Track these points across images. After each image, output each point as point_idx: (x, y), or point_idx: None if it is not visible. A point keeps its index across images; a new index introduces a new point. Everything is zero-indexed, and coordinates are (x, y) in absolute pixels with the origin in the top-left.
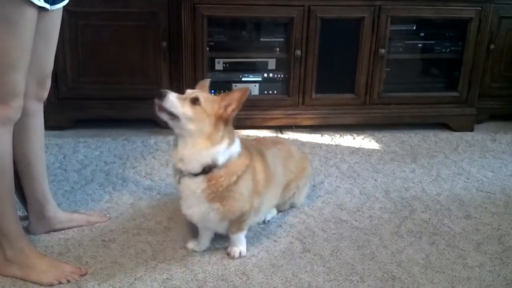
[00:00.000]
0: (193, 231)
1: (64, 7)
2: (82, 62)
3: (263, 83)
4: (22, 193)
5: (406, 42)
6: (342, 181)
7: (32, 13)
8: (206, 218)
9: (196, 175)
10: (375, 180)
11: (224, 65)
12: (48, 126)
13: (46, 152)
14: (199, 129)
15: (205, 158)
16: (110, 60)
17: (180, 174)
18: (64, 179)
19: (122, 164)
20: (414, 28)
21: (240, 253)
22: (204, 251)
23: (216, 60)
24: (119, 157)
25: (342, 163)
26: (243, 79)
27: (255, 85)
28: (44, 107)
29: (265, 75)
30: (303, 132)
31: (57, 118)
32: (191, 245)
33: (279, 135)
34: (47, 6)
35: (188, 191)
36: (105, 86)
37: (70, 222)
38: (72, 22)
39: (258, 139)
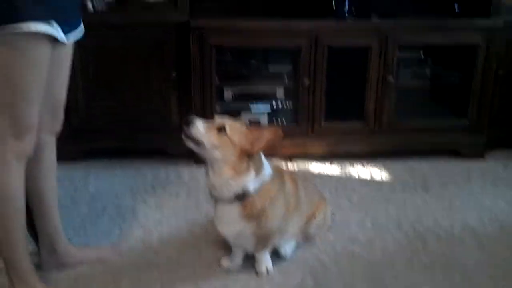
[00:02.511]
0: (205, 266)
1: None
2: (93, 94)
3: (271, 112)
4: (33, 227)
5: (414, 69)
6: (354, 213)
7: (48, 47)
8: (241, 236)
9: (229, 201)
10: (387, 211)
11: (233, 94)
12: (59, 158)
13: (57, 184)
14: (224, 158)
15: (234, 187)
16: (120, 91)
17: (215, 198)
18: (75, 212)
19: (132, 197)
20: (422, 55)
21: (267, 269)
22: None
23: (225, 89)
24: (130, 189)
25: (353, 194)
26: (251, 108)
27: (264, 114)
28: (56, 139)
29: (274, 104)
30: (312, 161)
31: (68, 150)
32: (225, 262)
33: (288, 164)
34: (63, 38)
35: (224, 214)
36: (115, 117)
37: (81, 258)
38: (82, 54)
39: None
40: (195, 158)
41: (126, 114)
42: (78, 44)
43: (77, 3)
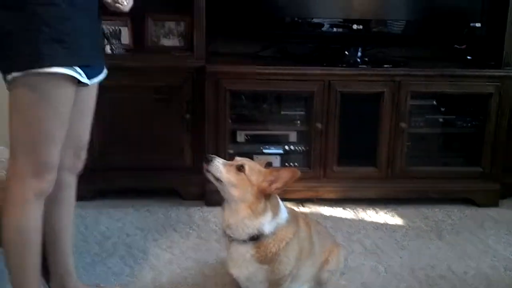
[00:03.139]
0: None
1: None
2: (108, 134)
3: (284, 155)
4: (44, 266)
5: (426, 116)
6: (367, 258)
7: (72, 89)
8: (252, 279)
9: (244, 241)
10: (400, 257)
11: (246, 137)
12: None
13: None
14: (241, 197)
15: (250, 228)
16: (134, 132)
17: (229, 238)
18: (85, 251)
19: (143, 236)
20: (435, 103)
21: None
22: None
23: (238, 132)
24: (141, 229)
25: (366, 239)
26: (264, 151)
27: (276, 157)
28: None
29: (286, 147)
30: (325, 205)
31: (81, 189)
32: None
33: (301, 208)
34: (87, 81)
35: (237, 255)
36: (129, 157)
37: None
38: (99, 94)
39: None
40: (206, 200)
41: (139, 155)
42: None
43: (99, 48)
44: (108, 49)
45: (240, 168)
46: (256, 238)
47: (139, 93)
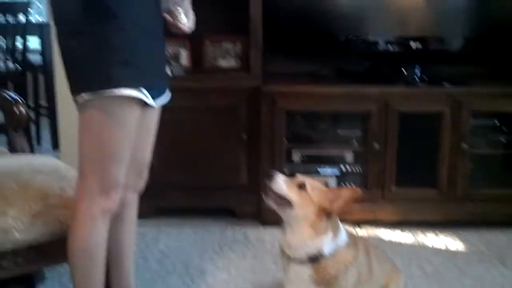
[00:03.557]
0: None
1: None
2: (167, 153)
3: (340, 176)
4: (107, 281)
5: (488, 136)
6: (427, 284)
7: (138, 110)
8: None
9: (302, 262)
10: (462, 283)
11: (301, 157)
12: None
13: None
14: (303, 216)
15: (310, 248)
16: (192, 151)
17: (287, 258)
18: (145, 269)
19: (200, 255)
20: (497, 122)
21: None
22: None
23: (293, 151)
24: (198, 248)
25: (426, 264)
26: (320, 171)
27: (332, 178)
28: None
29: (343, 167)
30: (383, 227)
31: (140, 207)
32: None
33: (358, 230)
34: (152, 103)
35: (295, 276)
36: (186, 176)
37: None
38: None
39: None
40: (262, 219)
41: (197, 174)
42: None
43: (164, 70)
44: (167, 71)
45: (302, 186)
46: (315, 259)
47: (197, 113)
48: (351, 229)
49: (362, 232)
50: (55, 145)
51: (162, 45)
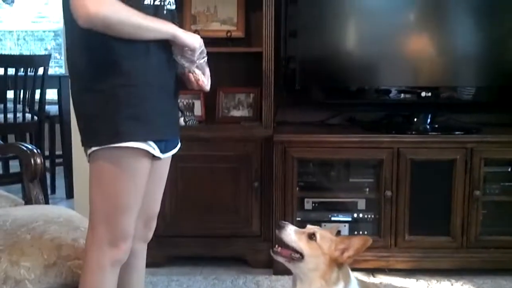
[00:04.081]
0: None
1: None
2: (179, 201)
3: (353, 223)
4: None
5: (502, 183)
6: None
7: (148, 162)
8: None
9: None
10: None
11: (313, 204)
12: None
13: None
14: (314, 267)
15: None
16: (205, 200)
17: None
18: None
19: None
20: (510, 169)
21: None
22: None
23: (306, 199)
24: None
25: None
26: (332, 218)
27: (345, 225)
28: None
29: (355, 215)
30: (396, 276)
31: (152, 255)
32: None
33: (372, 278)
34: (161, 155)
35: None
36: (199, 225)
37: None
38: (172, 164)
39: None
40: (274, 268)
41: (209, 222)
42: None
43: (175, 123)
44: (182, 121)
45: (312, 236)
46: None
47: (210, 162)
48: (364, 277)
49: (376, 280)
50: (70, 194)
51: (174, 100)
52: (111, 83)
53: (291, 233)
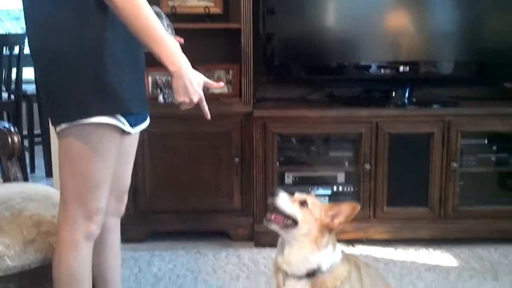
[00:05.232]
0: None
1: (145, 129)
2: (160, 178)
3: (332, 196)
4: None
5: (478, 155)
6: None
7: (117, 137)
8: None
9: (300, 278)
10: None
11: (294, 179)
12: (125, 239)
13: (122, 265)
14: (306, 231)
15: (311, 263)
16: (185, 176)
17: (284, 275)
18: None
19: (194, 278)
20: (486, 141)
21: None
22: None
23: (286, 174)
24: (191, 270)
25: (419, 281)
26: (312, 192)
27: (325, 199)
28: (123, 220)
29: (335, 188)
30: (375, 246)
31: (134, 231)
32: None
33: (351, 249)
34: (131, 130)
35: None
36: (180, 200)
37: None
38: (152, 141)
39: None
40: (256, 241)
41: (190, 198)
42: (148, 133)
43: (143, 98)
44: (161, 98)
45: (303, 203)
46: (313, 274)
47: (189, 139)
48: (343, 248)
49: (356, 251)
50: (49, 172)
51: (141, 74)
52: (77, 58)
53: (285, 199)
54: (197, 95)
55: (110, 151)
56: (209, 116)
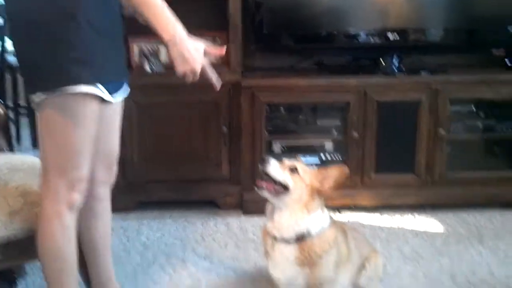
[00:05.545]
0: None
1: (133, 99)
2: (148, 148)
3: (321, 164)
4: (86, 275)
5: (466, 122)
6: (405, 265)
7: (95, 106)
8: (293, 282)
9: (289, 242)
10: (440, 263)
11: (282, 147)
12: (114, 209)
13: (111, 234)
14: (297, 197)
15: (301, 227)
16: (173, 145)
17: (273, 240)
18: (127, 261)
19: (182, 246)
20: (474, 108)
21: None
22: None
23: (274, 143)
24: (180, 239)
25: (405, 246)
26: (300, 159)
27: (313, 167)
28: (112, 190)
29: (323, 156)
30: (362, 212)
31: (123, 201)
32: None
33: (337, 214)
34: (110, 99)
35: (281, 256)
36: (168, 170)
37: None
38: (139, 111)
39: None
40: (244, 210)
41: (178, 167)
42: (135, 103)
43: (122, 66)
44: (147, 67)
45: (293, 170)
46: (302, 238)
47: (177, 109)
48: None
49: (343, 217)
50: (35, 144)
51: (119, 42)
52: (57, 26)
53: (275, 166)
54: (197, 62)
55: (90, 120)
56: (218, 87)
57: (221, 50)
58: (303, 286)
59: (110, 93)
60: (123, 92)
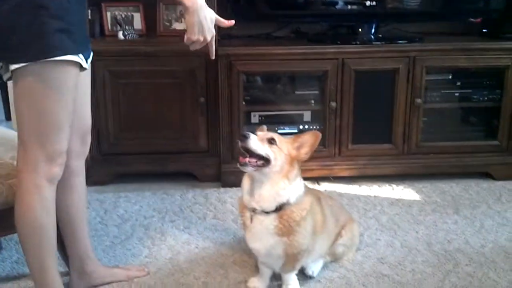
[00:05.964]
0: (232, 286)
1: (106, 68)
2: (123, 119)
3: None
4: (63, 249)
5: (442, 91)
6: (382, 234)
7: (75, 73)
8: (272, 252)
9: (268, 213)
10: (417, 232)
11: (260, 118)
12: (90, 182)
13: (88, 207)
14: (279, 169)
15: (282, 197)
16: (149, 117)
17: (252, 212)
18: (105, 234)
19: (161, 218)
20: (450, 77)
21: None
22: None
23: (252, 113)
24: (158, 211)
25: (382, 215)
26: (279, 131)
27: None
28: (87, 163)
29: (301, 127)
30: (340, 183)
31: (99, 174)
32: (252, 283)
33: (316, 186)
34: (87, 66)
35: (260, 227)
36: (144, 142)
37: (110, 277)
38: (113, 81)
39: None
40: (222, 181)
41: (155, 139)
42: (109, 72)
43: (87, 33)
44: (121, 34)
45: (271, 141)
46: (281, 208)
47: (153, 78)
48: (308, 184)
49: (321, 188)
50: (8, 116)
51: (84, 8)
52: None
53: (256, 141)
54: (210, 32)
55: (70, 88)
56: (213, 56)
57: (231, 22)
58: (281, 256)
59: (86, 60)
60: (90, 58)
